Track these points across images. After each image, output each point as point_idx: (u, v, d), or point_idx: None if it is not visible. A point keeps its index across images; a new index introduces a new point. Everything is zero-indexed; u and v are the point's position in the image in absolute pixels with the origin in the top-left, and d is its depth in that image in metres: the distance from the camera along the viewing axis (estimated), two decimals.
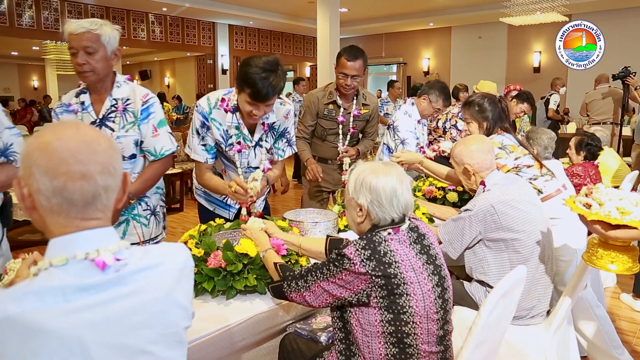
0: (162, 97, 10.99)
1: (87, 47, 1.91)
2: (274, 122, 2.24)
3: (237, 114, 2.14)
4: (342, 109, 2.98)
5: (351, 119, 3.00)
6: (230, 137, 2.17)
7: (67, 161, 0.81)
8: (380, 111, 7.42)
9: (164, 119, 2.12)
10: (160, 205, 2.27)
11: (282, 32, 13.95)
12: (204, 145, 2.17)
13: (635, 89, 5.60)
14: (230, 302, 1.64)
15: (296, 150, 2.47)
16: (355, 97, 3.02)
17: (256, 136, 2.21)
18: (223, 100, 2.13)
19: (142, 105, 2.05)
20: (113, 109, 2.03)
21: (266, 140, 2.25)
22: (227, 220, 2.29)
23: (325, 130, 3.05)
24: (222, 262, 1.66)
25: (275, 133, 2.29)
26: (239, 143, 2.18)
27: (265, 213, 2.45)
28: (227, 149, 2.19)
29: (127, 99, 2.05)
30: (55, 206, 0.82)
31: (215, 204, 2.43)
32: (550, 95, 7.01)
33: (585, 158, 3.35)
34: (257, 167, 2.25)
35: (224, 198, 2.40)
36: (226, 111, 2.13)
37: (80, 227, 0.84)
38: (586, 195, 1.53)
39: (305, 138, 3.09)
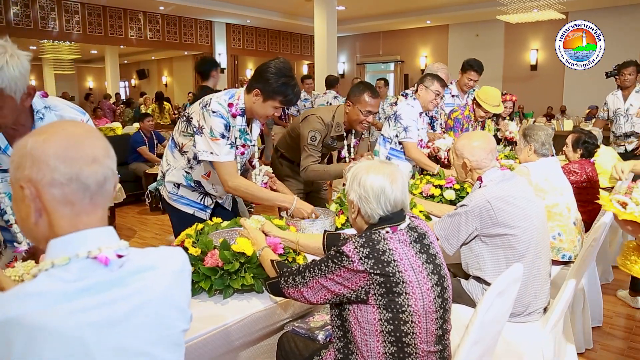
0: (160, 97, 10.94)
1: None
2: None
3: (244, 117, 2.23)
4: (344, 142, 2.97)
5: (352, 149, 3.01)
6: (236, 139, 2.24)
7: (76, 147, 0.83)
8: None
9: None
10: None
11: (280, 31, 13.94)
12: (230, 144, 2.19)
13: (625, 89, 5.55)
14: (227, 301, 1.64)
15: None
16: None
17: (254, 135, 2.34)
18: (230, 105, 2.18)
19: None
20: None
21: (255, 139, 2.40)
22: (203, 220, 2.28)
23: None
24: (219, 261, 1.66)
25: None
26: (243, 145, 2.28)
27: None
28: (235, 152, 2.26)
29: None
30: (69, 194, 0.82)
31: (195, 207, 2.42)
32: None
33: (582, 156, 3.35)
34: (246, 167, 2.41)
35: (201, 200, 2.42)
36: (234, 116, 2.19)
37: (90, 214, 0.85)
38: (625, 194, 1.43)
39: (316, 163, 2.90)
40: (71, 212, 0.84)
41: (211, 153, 2.15)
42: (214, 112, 2.13)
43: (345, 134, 2.91)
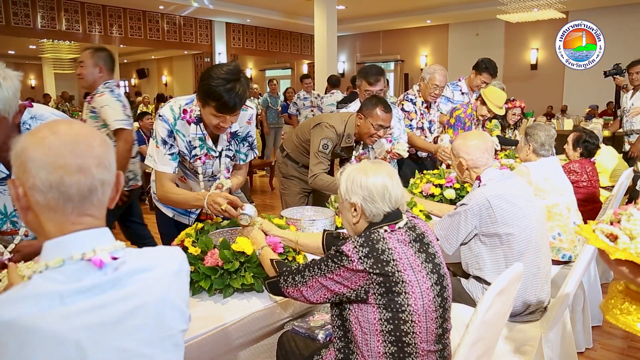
0: (161, 98, 10.96)
1: None
2: (236, 130, 2.17)
3: (201, 124, 2.05)
4: (353, 152, 2.97)
5: (354, 160, 3.02)
6: (194, 148, 2.08)
7: (63, 155, 0.81)
8: None
9: None
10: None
11: (280, 30, 13.93)
12: (171, 154, 2.04)
13: (622, 88, 5.54)
14: (227, 300, 1.64)
15: (257, 154, 2.40)
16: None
17: (220, 147, 2.14)
18: (185, 111, 2.03)
19: None
20: None
21: (229, 149, 2.19)
22: (186, 225, 2.23)
23: None
24: (219, 260, 1.66)
25: (238, 140, 2.22)
26: (205, 155, 2.11)
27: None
28: (191, 161, 2.11)
29: None
30: (51, 201, 0.81)
31: (175, 211, 2.33)
32: None
33: (582, 155, 3.35)
34: (218, 177, 2.19)
35: None
36: (189, 123, 2.03)
37: (75, 223, 0.84)
38: (611, 223, 1.01)
39: (325, 171, 2.88)
40: (55, 217, 0.83)
41: (154, 160, 2.06)
42: (160, 116, 2.02)
43: (354, 145, 2.93)
